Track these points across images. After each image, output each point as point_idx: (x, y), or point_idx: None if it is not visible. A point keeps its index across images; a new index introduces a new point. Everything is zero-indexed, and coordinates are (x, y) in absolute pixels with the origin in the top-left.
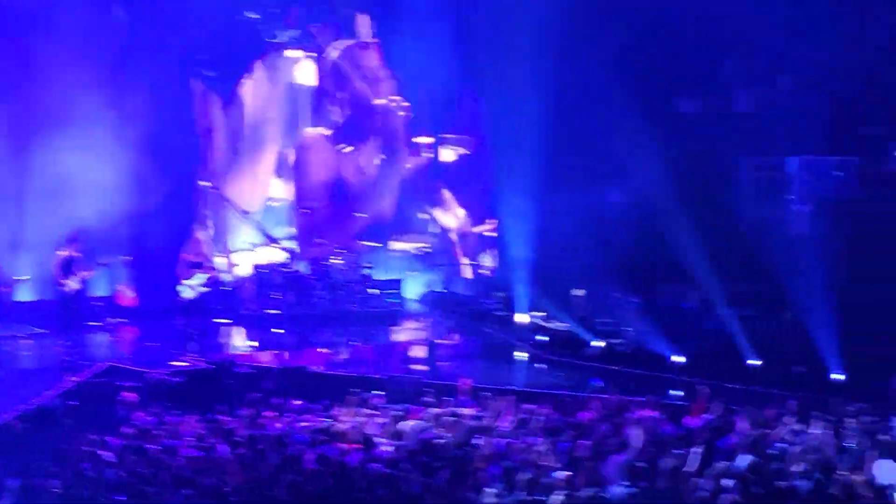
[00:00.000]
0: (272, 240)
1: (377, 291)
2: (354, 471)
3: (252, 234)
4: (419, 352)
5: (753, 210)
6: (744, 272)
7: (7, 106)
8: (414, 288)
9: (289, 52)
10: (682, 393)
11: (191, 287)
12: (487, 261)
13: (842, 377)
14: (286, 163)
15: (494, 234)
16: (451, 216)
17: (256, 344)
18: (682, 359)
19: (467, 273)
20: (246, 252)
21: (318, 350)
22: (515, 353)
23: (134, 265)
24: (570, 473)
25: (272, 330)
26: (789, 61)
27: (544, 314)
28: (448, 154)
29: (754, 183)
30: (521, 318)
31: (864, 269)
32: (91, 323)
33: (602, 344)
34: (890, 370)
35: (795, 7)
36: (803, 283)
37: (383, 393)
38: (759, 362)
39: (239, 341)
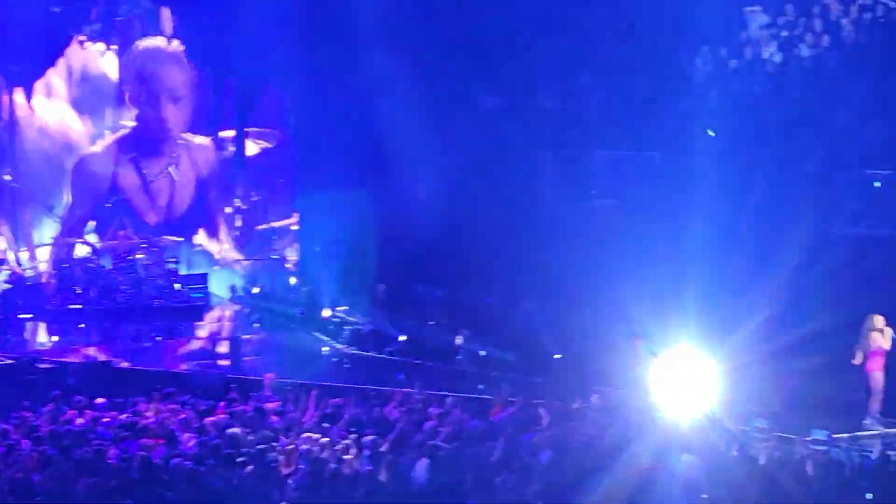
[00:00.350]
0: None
1: (181, 286)
2: (158, 466)
3: (55, 228)
4: (224, 347)
5: (556, 205)
6: (547, 266)
7: None
8: (219, 283)
9: (92, 46)
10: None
11: None
12: (291, 255)
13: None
14: (89, 156)
15: (297, 228)
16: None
17: (58, 339)
18: (483, 352)
19: (271, 268)
20: (49, 247)
21: (122, 345)
22: (319, 348)
23: None
24: (373, 468)
25: (75, 325)
26: (592, 57)
27: (348, 308)
28: (252, 147)
29: (557, 178)
30: (326, 312)
31: (667, 264)
32: None
33: (405, 338)
34: None
35: (598, 4)
36: (607, 278)
37: (188, 388)
38: (561, 356)
39: (42, 337)
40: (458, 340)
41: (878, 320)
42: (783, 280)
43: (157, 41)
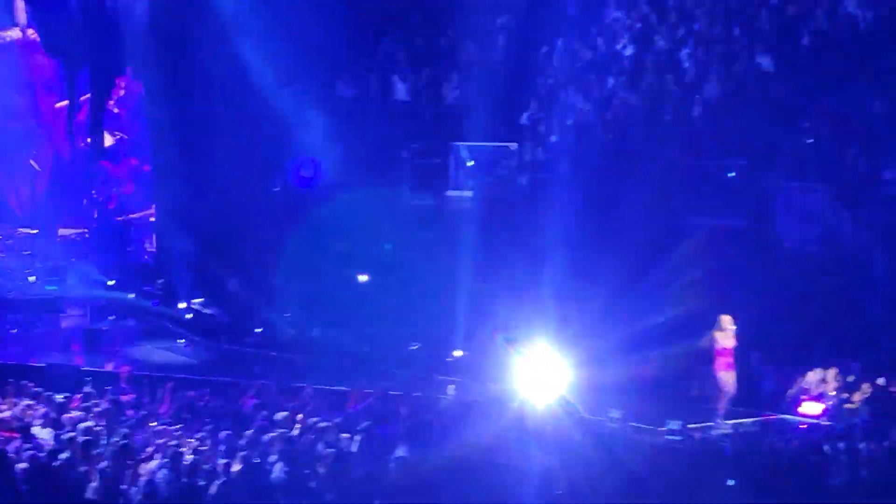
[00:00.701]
0: None
1: (36, 279)
2: (13, 461)
3: None
4: (79, 340)
5: (413, 197)
6: (403, 259)
7: None
8: (75, 275)
9: None
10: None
11: None
12: (148, 247)
13: None
14: None
15: (153, 220)
16: None
17: None
18: (340, 344)
19: (128, 259)
20: None
21: None
22: (175, 340)
23: None
24: (228, 461)
25: None
26: (448, 50)
27: (204, 300)
28: (108, 139)
29: (414, 170)
30: (182, 305)
31: (524, 255)
32: None
33: (261, 330)
34: None
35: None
36: (464, 269)
37: (43, 382)
38: (418, 346)
39: None
40: (316, 333)
41: (724, 320)
42: (639, 270)
43: (11, 33)
